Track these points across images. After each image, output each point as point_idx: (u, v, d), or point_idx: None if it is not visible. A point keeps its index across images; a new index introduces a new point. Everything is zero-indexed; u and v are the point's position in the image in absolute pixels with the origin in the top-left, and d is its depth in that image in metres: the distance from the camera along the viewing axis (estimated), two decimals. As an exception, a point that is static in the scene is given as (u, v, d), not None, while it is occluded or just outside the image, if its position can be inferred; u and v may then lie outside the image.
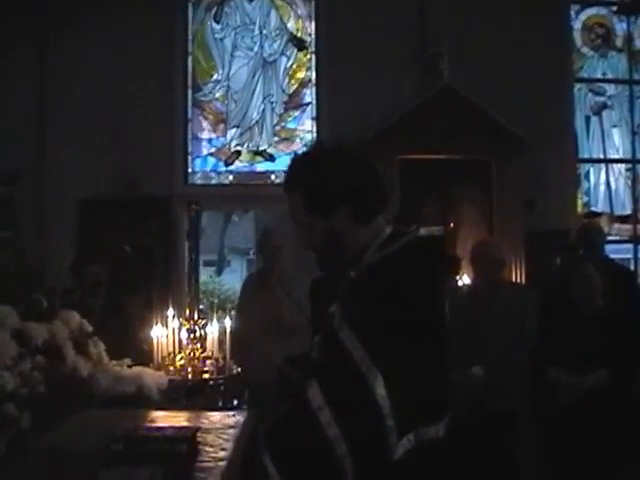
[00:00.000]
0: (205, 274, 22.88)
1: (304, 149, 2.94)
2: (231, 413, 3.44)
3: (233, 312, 7.21)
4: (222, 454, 2.65)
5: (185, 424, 3.11)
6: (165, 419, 3.25)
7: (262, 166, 9.96)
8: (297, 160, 2.72)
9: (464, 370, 5.92)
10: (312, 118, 10.05)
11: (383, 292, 2.36)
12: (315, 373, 2.35)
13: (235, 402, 8.65)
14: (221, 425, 3.06)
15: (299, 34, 10.21)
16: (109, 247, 8.79)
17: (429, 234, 2.55)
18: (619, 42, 10.77)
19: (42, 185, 9.24)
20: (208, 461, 2.58)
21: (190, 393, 4.57)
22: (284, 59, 10.17)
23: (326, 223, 2.55)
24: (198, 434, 2.74)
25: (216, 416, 3.29)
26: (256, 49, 10.13)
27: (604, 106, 10.66)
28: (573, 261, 6.76)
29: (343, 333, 2.31)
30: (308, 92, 10.12)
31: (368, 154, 2.70)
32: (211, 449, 2.71)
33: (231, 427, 3.04)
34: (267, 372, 6.42)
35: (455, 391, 2.62)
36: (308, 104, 10.10)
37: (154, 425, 3.06)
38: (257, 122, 10.04)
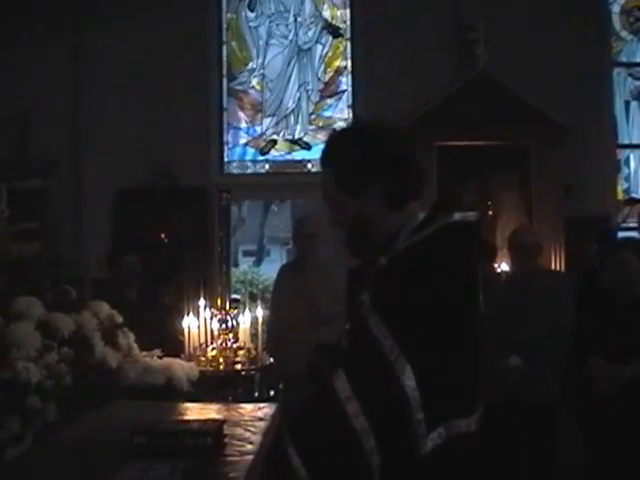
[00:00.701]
0: (245, 264, 22.89)
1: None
2: (262, 405, 3.39)
3: (267, 303, 7.16)
4: (249, 448, 2.59)
5: (212, 417, 3.05)
6: (194, 411, 3.20)
7: (298, 155, 9.92)
8: (333, 136, 2.65)
9: (502, 359, 5.82)
10: (348, 106, 9.98)
11: (413, 279, 2.27)
12: (343, 362, 2.27)
13: (272, 393, 8.66)
14: (250, 417, 3.00)
15: (334, 21, 10.13)
16: (144, 237, 8.80)
17: (463, 219, 2.43)
18: (659, 25, 10.57)
19: (77, 176, 9.27)
20: (234, 455, 2.51)
21: (222, 385, 4.52)
22: (319, 47, 10.10)
23: (355, 202, 2.48)
24: (225, 427, 2.68)
25: (246, 408, 3.23)
26: (291, 37, 10.08)
27: (644, 90, 10.48)
28: (611, 248, 6.61)
29: (372, 321, 2.23)
30: (344, 80, 10.05)
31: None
32: (238, 442, 2.64)
33: (260, 419, 2.97)
34: (302, 363, 6.41)
35: (492, 380, 2.52)
36: (344, 92, 10.03)
37: (180, 418, 3.01)
38: (293, 111, 9.99)
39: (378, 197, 2.46)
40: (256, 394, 7.51)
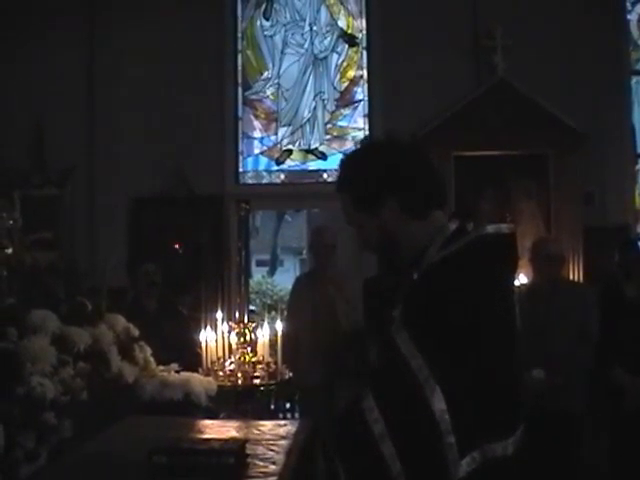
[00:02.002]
0: (258, 274, 22.87)
1: (355, 147, 2.86)
2: (282, 422, 3.29)
3: (284, 314, 7.11)
4: (272, 468, 2.49)
5: (233, 434, 2.96)
6: (213, 429, 3.11)
7: (314, 165, 9.84)
8: (344, 160, 2.60)
9: (525, 372, 5.72)
10: (364, 115, 9.90)
11: (444, 295, 2.18)
12: (370, 381, 2.19)
13: (287, 405, 8.58)
14: (271, 436, 2.90)
15: (350, 30, 10.06)
16: (160, 246, 8.75)
17: (497, 231, 2.35)
18: (678, 33, 10.46)
19: (92, 184, 9.25)
20: (257, 476, 2.42)
21: (240, 399, 4.43)
22: (335, 56, 10.03)
23: (374, 219, 2.42)
24: (247, 446, 2.59)
25: (267, 425, 3.13)
26: (306, 46, 10.00)
27: (663, 99, 10.36)
28: (635, 257, 6.51)
29: (400, 339, 2.15)
30: (360, 89, 9.97)
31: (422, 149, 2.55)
32: (261, 462, 2.54)
33: (282, 438, 2.88)
34: (319, 374, 6.35)
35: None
36: (360, 101, 9.95)
37: (200, 436, 2.91)
38: (308, 120, 9.91)
39: (394, 208, 2.39)
40: (272, 406, 7.45)
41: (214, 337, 4.62)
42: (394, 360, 2.15)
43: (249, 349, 4.71)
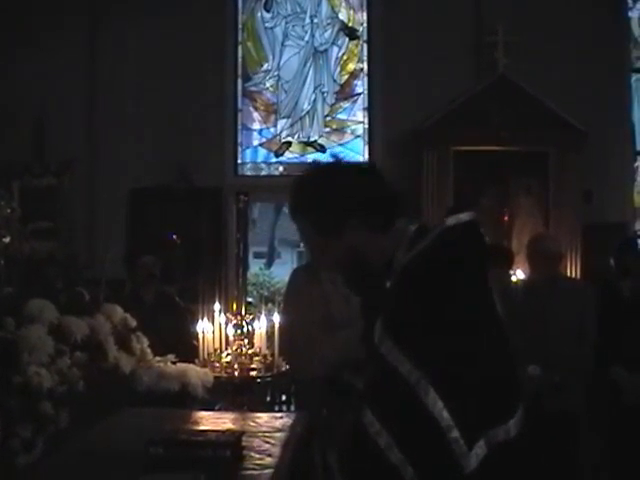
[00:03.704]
0: (256, 266, 22.85)
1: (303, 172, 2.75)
2: (278, 415, 3.29)
3: (281, 306, 7.09)
4: (268, 460, 2.49)
5: (229, 427, 2.96)
6: (209, 420, 3.10)
7: (313, 157, 9.82)
8: (297, 185, 2.56)
9: (521, 368, 5.72)
10: (364, 109, 9.90)
11: (416, 295, 2.21)
12: (365, 396, 2.22)
13: (284, 397, 8.57)
14: (268, 428, 2.90)
15: (350, 23, 10.05)
16: (159, 237, 8.74)
17: (457, 222, 2.33)
18: (678, 32, 10.45)
19: (92, 175, 9.25)
20: (253, 468, 2.42)
21: (237, 391, 4.43)
22: (335, 49, 10.03)
23: (338, 242, 2.40)
24: (243, 438, 2.59)
25: (263, 418, 3.13)
26: (307, 38, 10.01)
27: (663, 97, 10.36)
28: (632, 258, 6.50)
29: (385, 348, 2.17)
30: (359, 82, 9.97)
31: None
32: (257, 455, 2.55)
33: (278, 430, 2.88)
34: (314, 367, 6.34)
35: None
36: (360, 94, 9.94)
37: (196, 428, 2.91)
38: (308, 113, 9.91)
39: (358, 229, 2.39)
40: (268, 398, 7.44)
41: (211, 329, 4.61)
42: (383, 371, 2.17)
43: (246, 341, 4.70)
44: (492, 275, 2.43)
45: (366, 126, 9.82)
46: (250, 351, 4.67)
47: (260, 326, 4.75)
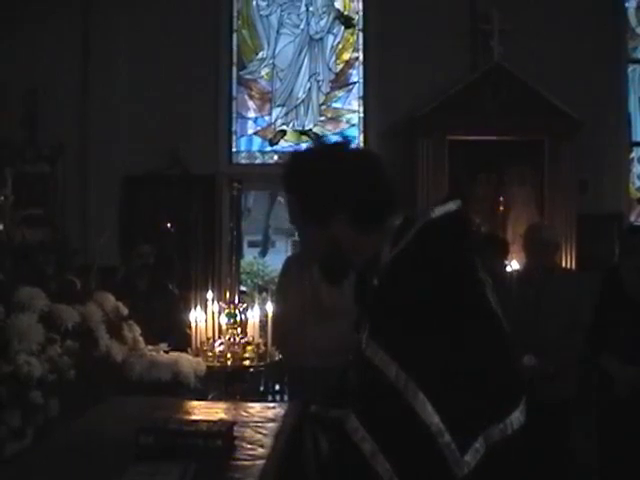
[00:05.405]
0: (250, 255, 22.84)
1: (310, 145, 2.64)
2: (271, 405, 3.26)
3: (274, 295, 7.08)
4: (260, 451, 2.46)
5: (221, 416, 2.93)
6: (201, 410, 3.08)
7: (307, 146, 9.77)
8: (293, 159, 2.49)
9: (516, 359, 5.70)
10: (359, 97, 9.86)
11: (402, 293, 2.12)
12: (351, 401, 2.14)
13: (277, 387, 8.56)
14: (260, 418, 2.87)
15: (346, 12, 10.01)
16: (152, 225, 8.71)
17: (443, 213, 2.25)
18: (676, 22, 10.43)
19: (85, 161, 9.21)
20: (245, 459, 2.39)
21: (229, 380, 4.41)
22: (331, 37, 9.99)
23: (323, 231, 2.34)
24: (235, 428, 2.56)
25: (255, 408, 3.10)
26: (302, 26, 9.96)
27: (659, 88, 10.34)
28: (626, 250, 6.45)
29: (371, 350, 2.10)
30: (355, 71, 9.93)
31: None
32: (248, 445, 2.51)
33: (271, 420, 2.85)
34: (306, 356, 6.33)
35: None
36: (355, 83, 9.91)
37: (187, 418, 2.89)
38: (303, 101, 9.87)
39: (345, 224, 2.32)
40: (261, 388, 7.44)
41: (204, 317, 4.59)
42: (369, 374, 2.10)
43: (239, 330, 4.68)
44: (486, 266, 2.38)
45: (361, 115, 9.79)
46: (243, 340, 4.65)
47: (253, 315, 4.73)
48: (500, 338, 2.24)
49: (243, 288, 8.32)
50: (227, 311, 4.62)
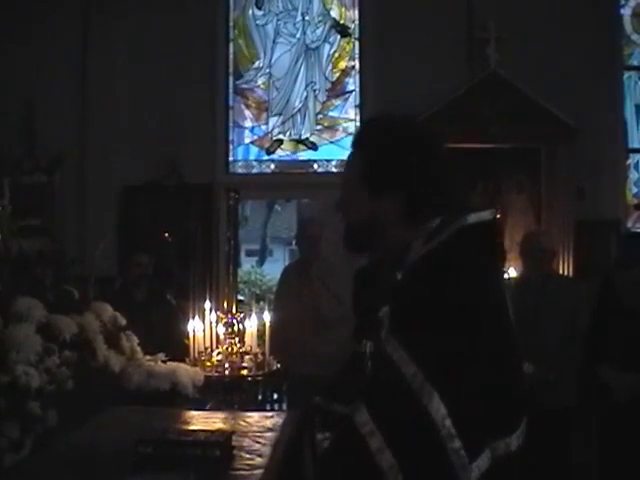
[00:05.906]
0: (247, 264, 22.85)
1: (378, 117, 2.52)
2: (269, 414, 3.26)
3: (272, 304, 7.09)
4: (259, 461, 2.46)
5: (219, 426, 2.93)
6: (199, 420, 3.08)
7: (304, 155, 9.81)
8: (371, 120, 2.45)
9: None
10: (355, 106, 9.87)
11: (429, 294, 2.07)
12: (363, 393, 2.09)
13: (275, 396, 8.55)
14: (258, 428, 2.87)
15: (342, 21, 10.02)
16: (149, 235, 8.71)
17: (478, 220, 2.20)
18: (671, 29, 10.45)
19: (82, 172, 9.20)
20: (243, 468, 2.39)
21: (227, 390, 4.41)
22: (327, 46, 9.99)
23: (371, 201, 2.28)
24: (233, 438, 2.56)
25: (253, 417, 3.10)
26: (298, 35, 9.96)
27: (655, 95, 10.36)
28: (620, 262, 6.45)
29: (391, 347, 2.05)
30: (351, 80, 9.94)
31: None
32: (247, 455, 2.51)
33: (269, 430, 2.85)
34: (306, 364, 6.34)
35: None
36: (351, 92, 9.91)
37: (186, 427, 2.89)
38: (299, 110, 9.87)
39: (398, 204, 2.27)
40: (259, 397, 7.43)
41: (202, 327, 4.60)
42: (386, 369, 2.05)
43: (237, 339, 4.69)
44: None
45: (358, 124, 9.79)
46: (241, 349, 4.65)
47: (251, 324, 4.73)
48: (515, 353, 2.20)
49: (241, 297, 8.32)
50: (225, 320, 4.62)
